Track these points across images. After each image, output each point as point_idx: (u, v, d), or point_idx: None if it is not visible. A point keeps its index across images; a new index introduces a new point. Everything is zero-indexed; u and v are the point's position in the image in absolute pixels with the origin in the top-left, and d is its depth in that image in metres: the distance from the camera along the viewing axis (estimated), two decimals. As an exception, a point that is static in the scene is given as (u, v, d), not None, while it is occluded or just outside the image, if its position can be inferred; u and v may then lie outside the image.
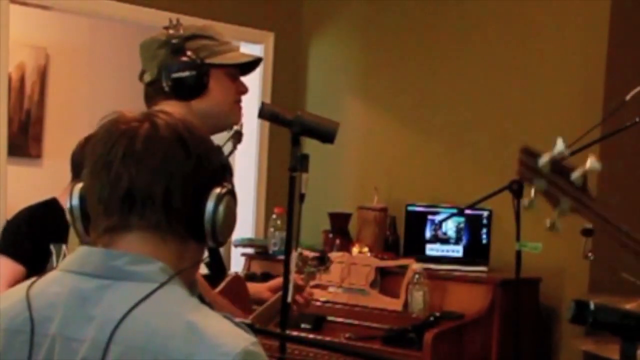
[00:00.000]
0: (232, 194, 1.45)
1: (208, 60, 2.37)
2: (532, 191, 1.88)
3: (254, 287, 2.60)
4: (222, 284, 2.38)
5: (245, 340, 1.33)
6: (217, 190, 1.42)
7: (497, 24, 4.62)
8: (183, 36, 2.36)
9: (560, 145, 1.83)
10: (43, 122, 6.04)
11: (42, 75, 6.03)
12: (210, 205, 1.40)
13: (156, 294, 1.34)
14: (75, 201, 1.45)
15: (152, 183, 1.38)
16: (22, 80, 5.91)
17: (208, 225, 1.41)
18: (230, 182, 1.48)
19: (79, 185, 1.46)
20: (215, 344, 1.30)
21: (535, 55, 4.48)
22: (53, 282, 1.41)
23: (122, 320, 1.31)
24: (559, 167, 1.84)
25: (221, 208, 1.41)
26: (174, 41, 2.34)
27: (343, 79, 5.22)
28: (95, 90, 6.10)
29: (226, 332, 1.33)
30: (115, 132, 1.40)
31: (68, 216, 1.48)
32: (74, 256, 1.43)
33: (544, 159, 1.83)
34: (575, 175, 1.82)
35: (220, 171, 1.47)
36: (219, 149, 1.50)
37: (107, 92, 6.09)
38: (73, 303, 1.36)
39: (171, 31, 2.37)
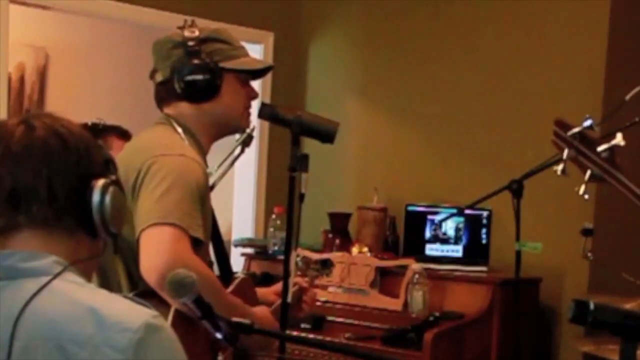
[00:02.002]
0: (117, 184, 1.46)
1: (221, 64, 2.37)
2: (564, 157, 2.12)
3: (259, 291, 2.60)
4: (232, 286, 2.38)
5: (146, 314, 1.34)
6: (102, 181, 1.44)
7: (497, 25, 4.62)
8: (198, 38, 2.36)
9: (588, 121, 2.12)
10: (43, 122, 6.04)
11: (42, 75, 6.02)
12: (96, 196, 1.42)
13: (52, 285, 1.35)
14: None
15: (34, 180, 1.40)
16: (21, 80, 5.91)
17: (97, 216, 1.43)
18: (115, 175, 1.49)
19: None
20: (116, 321, 1.31)
21: (535, 55, 4.48)
22: None
23: (20, 315, 1.32)
24: (587, 140, 2.10)
25: (108, 198, 1.43)
26: (189, 43, 2.34)
27: (343, 79, 5.22)
28: (95, 90, 6.10)
29: (125, 309, 1.35)
30: None
31: None
32: None
33: (574, 131, 2.10)
34: (601, 148, 2.08)
35: (104, 165, 1.48)
36: (100, 146, 1.50)
37: (107, 92, 6.09)
38: None
39: (186, 32, 2.37)
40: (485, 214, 4.35)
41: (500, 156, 4.53)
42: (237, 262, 4.86)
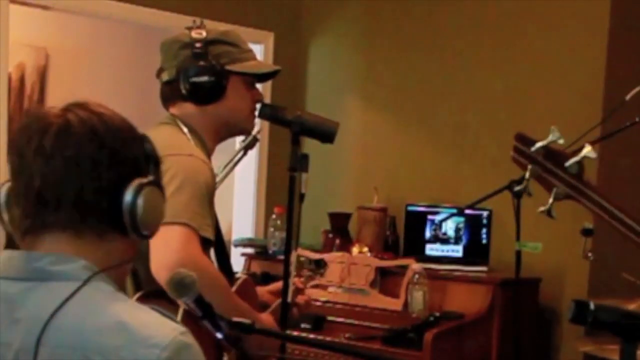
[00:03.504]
0: (154, 184, 1.42)
1: (228, 67, 2.37)
2: (526, 176, 1.92)
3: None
4: (234, 287, 2.39)
5: (173, 330, 1.32)
6: (137, 181, 1.39)
7: (497, 25, 4.62)
8: (206, 40, 2.36)
9: (554, 134, 1.88)
10: (43, 122, 6.04)
11: (42, 75, 6.03)
12: (128, 197, 1.37)
13: (81, 292, 1.33)
14: (3, 199, 1.44)
15: (62, 180, 1.36)
16: (22, 80, 5.91)
17: (127, 217, 1.38)
18: (156, 173, 1.45)
19: (7, 185, 1.44)
20: (144, 336, 1.29)
21: (535, 55, 4.48)
22: None
23: (48, 321, 1.30)
24: (553, 154, 1.90)
25: (140, 199, 1.38)
26: (196, 44, 2.35)
27: (343, 79, 5.22)
28: (95, 90, 6.10)
29: (154, 324, 1.32)
30: (29, 130, 1.39)
31: None
32: None
33: (537, 146, 1.89)
34: (570, 162, 1.88)
35: (142, 162, 1.43)
36: (141, 140, 1.45)
37: (107, 92, 6.08)
38: None
39: (194, 33, 2.37)
40: (485, 214, 4.34)
41: (500, 156, 4.52)
42: (237, 262, 4.86)
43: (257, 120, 2.53)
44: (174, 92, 2.38)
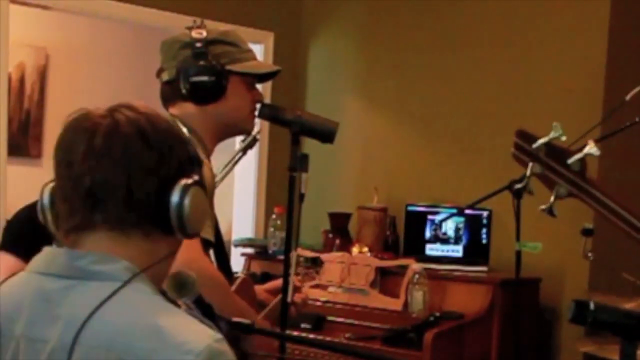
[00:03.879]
0: (199, 184, 1.43)
1: (228, 67, 2.37)
2: (527, 173, 1.87)
3: None
4: (233, 287, 2.39)
5: (209, 337, 1.33)
6: (183, 181, 1.41)
7: (496, 25, 4.62)
8: (206, 39, 2.36)
9: (557, 130, 1.84)
10: (43, 122, 6.04)
11: (42, 75, 6.03)
12: (175, 197, 1.39)
13: (120, 293, 1.33)
14: (46, 200, 1.45)
15: (112, 179, 1.37)
16: (22, 80, 5.91)
17: (174, 217, 1.39)
18: (199, 174, 1.46)
19: (50, 185, 1.46)
20: (179, 342, 1.30)
21: (535, 55, 4.48)
22: (19, 284, 1.41)
23: (86, 320, 1.31)
24: (555, 151, 1.85)
25: (187, 199, 1.39)
26: (196, 44, 2.34)
27: (343, 79, 5.22)
28: (95, 90, 6.10)
29: (190, 330, 1.33)
30: (77, 130, 1.40)
31: (39, 215, 1.47)
32: (40, 257, 1.43)
33: (539, 142, 1.86)
34: (573, 159, 1.84)
35: (187, 163, 1.45)
36: (185, 141, 1.47)
37: (107, 92, 6.09)
38: (38, 304, 1.36)
39: (194, 33, 2.37)
40: (485, 214, 4.34)
41: (500, 156, 4.51)
42: (237, 262, 4.86)
43: (257, 120, 2.53)
44: (174, 92, 2.38)
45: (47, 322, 1.34)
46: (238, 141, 2.62)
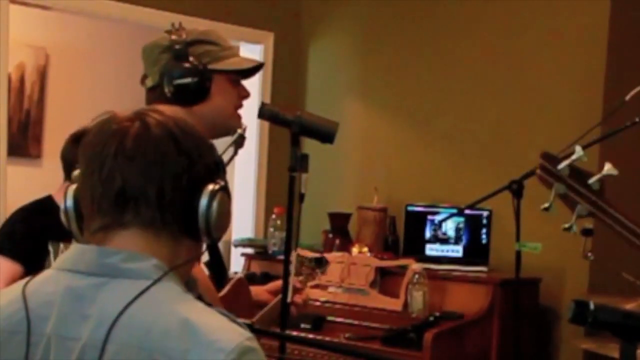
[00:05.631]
0: (225, 190, 1.45)
1: (210, 66, 2.36)
2: (552, 195, 1.96)
3: (253, 290, 2.60)
4: (227, 287, 2.38)
5: (240, 335, 1.33)
6: (211, 186, 1.42)
7: (496, 25, 4.62)
8: (186, 41, 2.35)
9: (579, 152, 1.92)
10: (43, 122, 6.04)
11: (42, 75, 6.03)
12: (204, 201, 1.41)
13: (151, 291, 1.34)
14: (70, 202, 1.45)
15: (145, 181, 1.38)
16: (22, 80, 5.91)
17: (202, 221, 1.41)
18: (224, 179, 1.48)
19: (73, 187, 1.46)
20: (211, 340, 1.30)
21: (535, 55, 4.48)
22: (48, 281, 1.41)
23: (117, 318, 1.31)
24: (577, 172, 1.94)
25: (215, 204, 1.41)
26: (176, 46, 2.34)
27: (343, 79, 5.22)
28: (95, 90, 6.10)
29: (221, 328, 1.33)
30: (107, 132, 1.40)
31: (62, 217, 1.48)
32: (68, 254, 1.43)
33: (563, 164, 1.92)
34: (593, 180, 1.92)
35: (214, 168, 1.47)
36: (211, 146, 1.49)
37: (107, 92, 6.09)
38: (68, 302, 1.36)
39: (173, 36, 2.36)
40: (485, 214, 4.35)
41: (500, 156, 4.53)
42: (237, 262, 4.86)
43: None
44: (159, 96, 2.37)
45: (78, 320, 1.34)
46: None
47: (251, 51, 5.00)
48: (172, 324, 1.31)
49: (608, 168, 1.91)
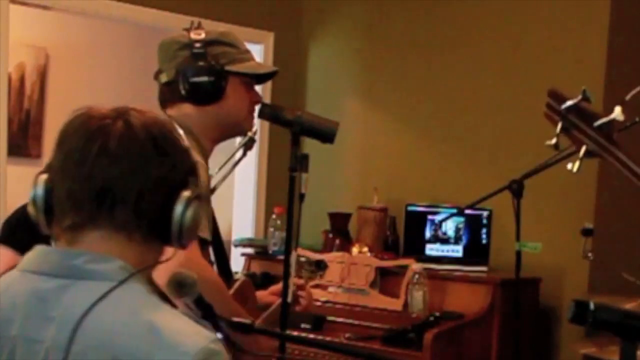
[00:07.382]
0: (199, 197, 1.45)
1: (227, 68, 2.37)
2: (557, 130, 1.94)
3: (257, 294, 2.60)
4: (233, 288, 2.39)
5: (205, 338, 1.33)
6: (186, 193, 1.42)
7: (497, 25, 4.62)
8: (205, 40, 2.36)
9: (617, 112, 1.95)
10: (43, 122, 6.04)
11: (42, 75, 6.03)
12: (179, 208, 1.40)
13: (116, 293, 1.33)
14: (40, 191, 1.42)
15: (126, 184, 1.37)
16: (22, 80, 5.91)
17: (175, 227, 1.41)
18: (196, 183, 1.47)
19: (44, 177, 1.43)
20: (175, 343, 1.30)
21: (535, 55, 4.48)
22: (12, 283, 1.40)
23: (81, 320, 1.30)
24: (584, 113, 1.96)
25: (189, 211, 1.41)
26: (195, 45, 2.34)
27: (343, 79, 5.22)
28: (95, 90, 6.10)
29: (186, 331, 1.33)
30: (89, 128, 1.39)
31: (29, 206, 1.44)
32: (32, 256, 1.42)
33: (568, 104, 1.95)
34: (599, 122, 1.94)
35: (191, 174, 1.46)
36: (188, 150, 1.49)
37: (107, 92, 6.09)
38: (33, 304, 1.35)
39: (192, 34, 2.37)
40: (485, 214, 4.34)
41: (500, 156, 4.53)
42: (237, 262, 4.86)
43: (257, 121, 2.53)
44: (173, 93, 2.38)
45: (42, 322, 1.34)
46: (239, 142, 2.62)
47: (251, 51, 4.99)
48: (136, 326, 1.31)
49: (616, 113, 1.93)
